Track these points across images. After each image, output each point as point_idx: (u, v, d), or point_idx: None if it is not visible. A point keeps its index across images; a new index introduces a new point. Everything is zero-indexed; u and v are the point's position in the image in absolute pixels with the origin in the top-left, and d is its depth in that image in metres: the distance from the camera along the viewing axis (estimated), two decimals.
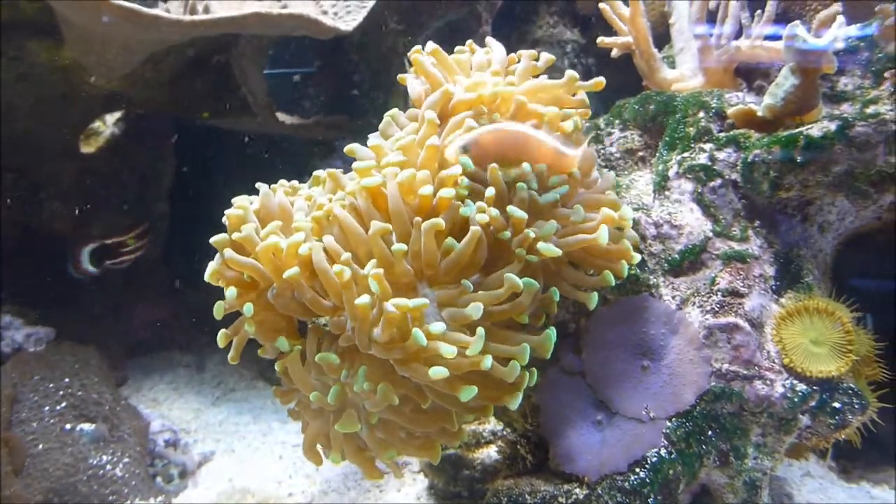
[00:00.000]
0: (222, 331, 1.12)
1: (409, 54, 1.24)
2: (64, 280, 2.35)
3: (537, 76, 1.26)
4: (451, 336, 1.00)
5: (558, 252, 1.05)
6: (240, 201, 1.15)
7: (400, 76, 1.28)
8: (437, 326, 0.98)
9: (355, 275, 1.00)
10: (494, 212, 1.05)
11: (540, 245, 1.04)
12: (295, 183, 1.23)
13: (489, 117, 1.17)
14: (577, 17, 2.49)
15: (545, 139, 1.12)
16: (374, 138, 1.22)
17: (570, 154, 1.13)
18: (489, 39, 1.30)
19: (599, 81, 1.23)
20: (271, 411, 2.25)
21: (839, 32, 1.23)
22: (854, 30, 1.35)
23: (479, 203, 1.06)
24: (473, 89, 1.17)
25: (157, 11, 1.56)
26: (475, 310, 0.99)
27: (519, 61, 1.26)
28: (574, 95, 1.24)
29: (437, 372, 0.95)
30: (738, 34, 1.45)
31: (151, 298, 2.55)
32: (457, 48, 1.29)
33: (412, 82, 1.25)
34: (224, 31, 1.79)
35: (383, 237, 1.04)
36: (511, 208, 1.05)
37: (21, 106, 2.03)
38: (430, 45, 1.24)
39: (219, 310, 1.09)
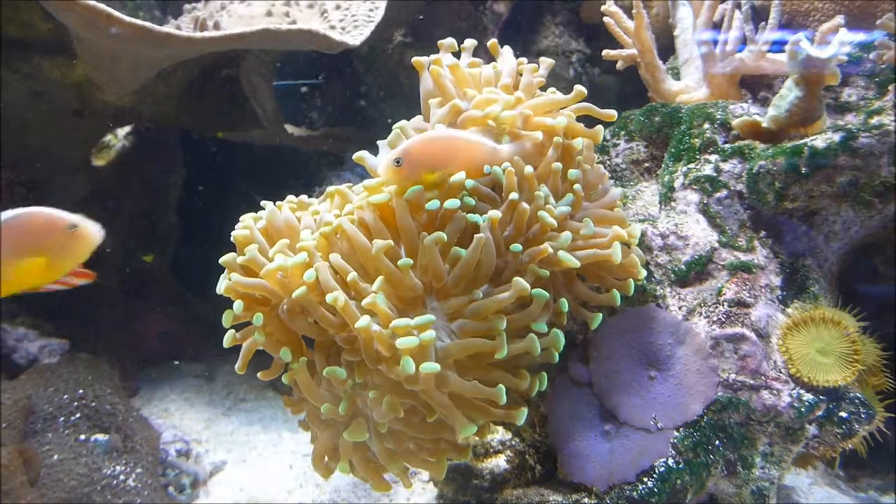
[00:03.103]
0: (230, 331, 1.10)
1: (430, 66, 1.23)
2: (74, 291, 2.37)
3: (543, 88, 1.27)
4: (470, 343, 1.01)
5: (577, 263, 1.06)
6: (246, 220, 1.14)
7: (415, 59, 1.26)
8: (429, 334, 0.97)
9: (359, 295, 1.01)
10: (496, 214, 1.05)
11: (561, 254, 1.05)
12: (303, 198, 1.23)
13: (497, 132, 1.17)
14: (582, 28, 2.50)
15: (472, 139, 1.12)
16: (384, 149, 1.23)
17: (497, 148, 1.13)
18: (504, 49, 1.29)
19: (611, 114, 1.23)
20: (281, 421, 2.26)
21: (844, 38, 1.24)
22: (857, 38, 1.36)
23: (491, 212, 1.05)
24: (481, 107, 1.17)
25: (169, 29, 1.59)
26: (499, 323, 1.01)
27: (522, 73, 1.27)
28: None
29: (428, 368, 0.95)
30: (742, 47, 1.47)
31: (161, 309, 2.57)
32: (469, 62, 1.29)
33: (425, 80, 1.25)
34: (234, 47, 1.82)
35: (390, 252, 1.04)
36: (542, 213, 1.06)
37: (35, 121, 2.06)
38: (443, 58, 1.24)
39: (227, 318, 1.09)
